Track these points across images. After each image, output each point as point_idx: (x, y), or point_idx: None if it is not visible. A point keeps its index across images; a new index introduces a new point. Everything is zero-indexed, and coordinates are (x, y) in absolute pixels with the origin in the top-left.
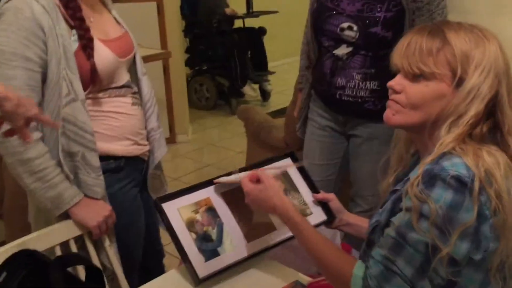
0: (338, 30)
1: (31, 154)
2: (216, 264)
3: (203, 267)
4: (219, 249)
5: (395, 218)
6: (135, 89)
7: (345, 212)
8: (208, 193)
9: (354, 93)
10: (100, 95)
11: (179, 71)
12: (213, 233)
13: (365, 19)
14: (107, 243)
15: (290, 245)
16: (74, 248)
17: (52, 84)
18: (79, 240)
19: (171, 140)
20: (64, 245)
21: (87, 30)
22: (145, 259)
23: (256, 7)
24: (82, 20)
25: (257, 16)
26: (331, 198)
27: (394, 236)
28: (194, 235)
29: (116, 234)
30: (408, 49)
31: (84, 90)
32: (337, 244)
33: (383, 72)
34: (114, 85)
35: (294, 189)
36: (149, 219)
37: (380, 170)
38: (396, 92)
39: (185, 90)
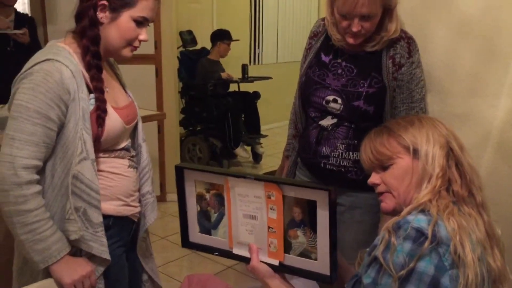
0: (324, 102)
1: (29, 206)
2: (206, 240)
3: (195, 235)
4: (213, 231)
5: (365, 276)
6: (133, 153)
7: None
8: (223, 181)
9: (338, 162)
10: (101, 154)
11: (173, 131)
12: (213, 216)
13: (349, 93)
14: None
15: None
16: None
17: (68, 142)
18: None
19: (161, 198)
20: None
21: (104, 101)
22: None
23: (251, 73)
24: (102, 92)
25: (251, 81)
26: (344, 267)
27: None
28: (198, 208)
29: None
30: (365, 152)
31: None
32: None
33: None
34: (115, 147)
35: (311, 226)
36: (133, 281)
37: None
38: (377, 185)
39: (178, 150)
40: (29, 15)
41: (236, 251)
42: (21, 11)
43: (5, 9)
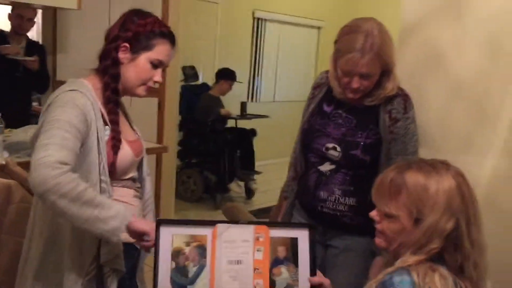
0: (323, 149)
1: (83, 185)
2: None
3: None
4: (189, 287)
5: None
6: (138, 185)
7: None
8: (207, 232)
9: (334, 206)
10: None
11: (171, 164)
12: (192, 271)
13: (348, 143)
14: None
15: None
16: None
17: (91, 167)
18: None
19: None
20: None
21: (119, 132)
22: None
23: (249, 110)
24: (118, 124)
25: (249, 118)
26: (327, 284)
27: None
28: (173, 265)
29: None
30: (377, 188)
31: None
32: None
33: (361, 191)
34: (123, 177)
35: (294, 261)
36: None
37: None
38: (377, 222)
39: (174, 182)
40: (40, 42)
41: None
42: (33, 39)
43: (18, 36)
